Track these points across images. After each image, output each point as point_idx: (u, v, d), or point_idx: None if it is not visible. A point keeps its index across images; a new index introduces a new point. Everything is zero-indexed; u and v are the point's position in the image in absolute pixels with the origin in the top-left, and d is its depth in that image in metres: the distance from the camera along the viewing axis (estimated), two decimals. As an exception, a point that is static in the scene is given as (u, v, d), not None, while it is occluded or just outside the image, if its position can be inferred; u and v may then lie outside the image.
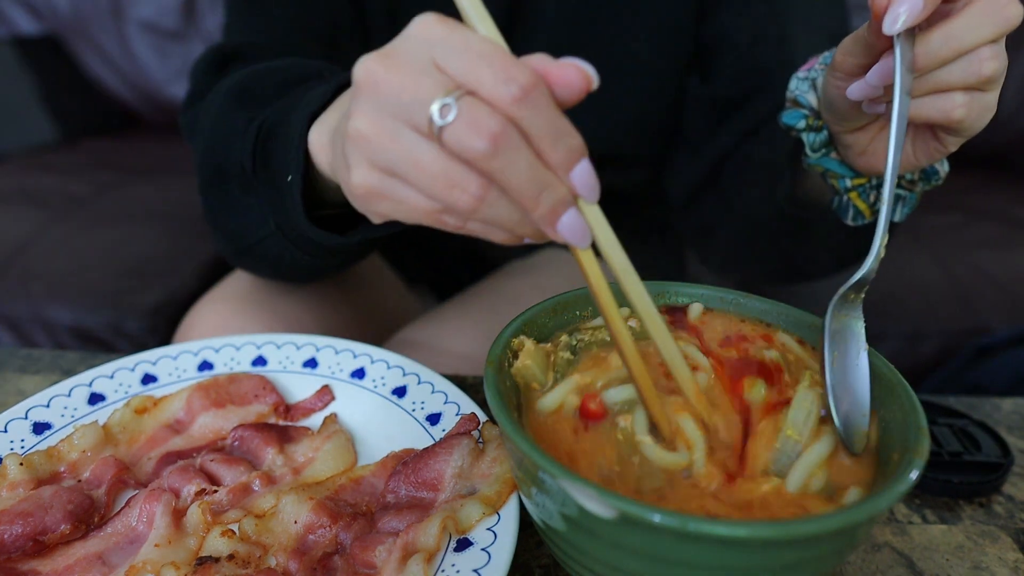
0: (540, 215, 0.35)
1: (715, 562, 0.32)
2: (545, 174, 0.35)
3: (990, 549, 0.49)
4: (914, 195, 0.59)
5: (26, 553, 0.43)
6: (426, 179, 0.35)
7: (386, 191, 0.37)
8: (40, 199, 1.55)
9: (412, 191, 0.36)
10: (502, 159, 0.33)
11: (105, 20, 1.94)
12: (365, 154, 0.36)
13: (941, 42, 0.43)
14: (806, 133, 0.59)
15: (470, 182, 0.34)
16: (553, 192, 0.35)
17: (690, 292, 0.50)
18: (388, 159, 0.35)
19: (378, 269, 0.93)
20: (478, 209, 0.35)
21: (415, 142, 0.35)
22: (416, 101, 0.34)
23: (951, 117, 0.45)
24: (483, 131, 0.33)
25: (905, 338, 1.26)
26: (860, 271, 0.44)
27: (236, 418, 0.55)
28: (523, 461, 0.36)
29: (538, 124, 0.34)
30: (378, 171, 0.36)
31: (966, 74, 0.44)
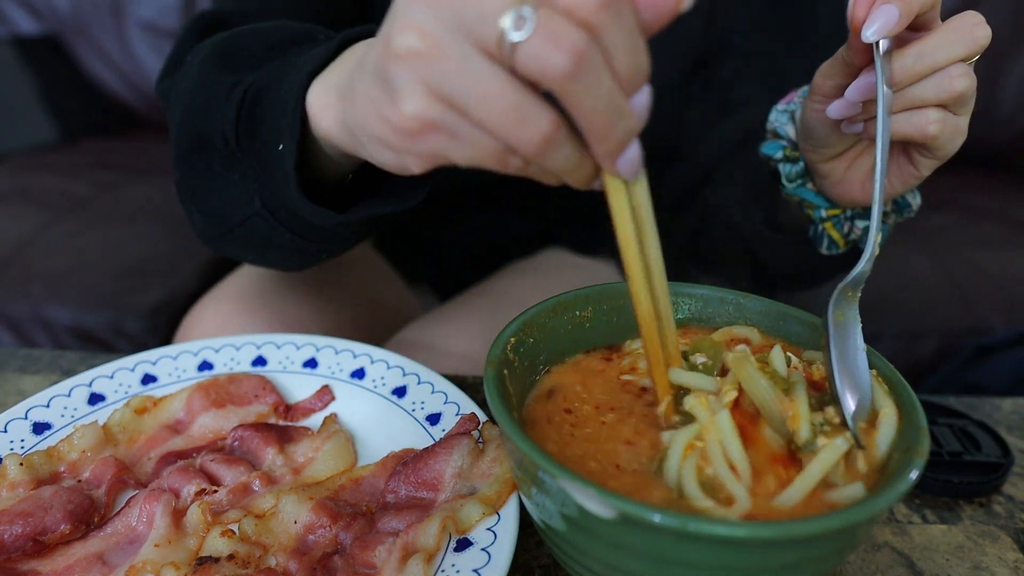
0: (608, 148, 0.32)
1: (715, 562, 0.32)
2: (621, 100, 0.31)
3: (990, 549, 0.49)
4: (887, 227, 0.61)
5: (26, 553, 0.43)
6: (495, 113, 0.30)
7: (446, 124, 0.31)
8: (40, 199, 1.55)
9: (474, 127, 0.31)
10: (584, 80, 0.29)
11: (105, 20, 1.94)
12: (420, 75, 0.30)
13: (915, 58, 0.45)
14: (783, 164, 0.60)
15: (542, 118, 0.30)
16: (627, 121, 0.32)
17: (691, 292, 0.50)
18: (450, 84, 0.30)
19: (379, 269, 0.93)
20: (544, 152, 0.31)
21: (483, 65, 0.30)
22: (484, 12, 0.29)
23: (927, 132, 0.47)
24: (565, 45, 0.28)
25: (904, 338, 1.26)
26: (856, 268, 0.45)
27: (236, 418, 0.55)
28: (523, 461, 0.36)
29: (620, 39, 0.30)
30: (436, 99, 0.31)
31: (939, 90, 0.45)
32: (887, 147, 0.46)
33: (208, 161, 0.53)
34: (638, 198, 0.37)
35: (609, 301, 0.49)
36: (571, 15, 0.29)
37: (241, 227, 0.55)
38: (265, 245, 0.56)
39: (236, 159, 0.51)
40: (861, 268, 0.45)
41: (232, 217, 0.54)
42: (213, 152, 0.52)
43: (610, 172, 0.34)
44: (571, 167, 0.33)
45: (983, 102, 1.77)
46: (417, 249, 0.98)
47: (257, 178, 0.50)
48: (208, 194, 0.55)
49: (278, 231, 0.53)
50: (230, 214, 0.54)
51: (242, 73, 0.51)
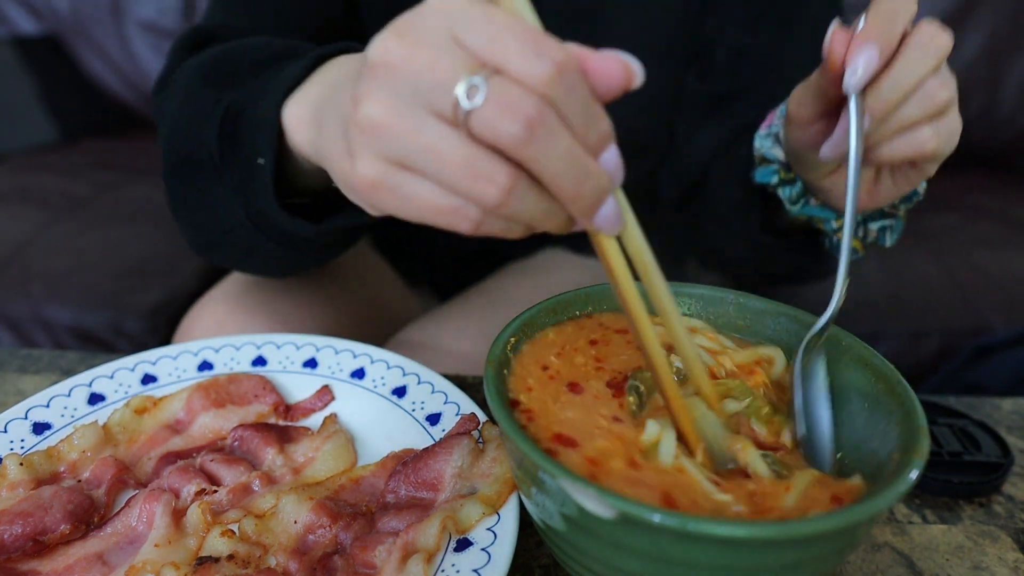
0: (581, 206, 0.32)
1: (715, 562, 0.32)
2: (586, 160, 0.32)
3: (990, 549, 0.49)
4: (899, 219, 0.60)
5: (26, 553, 0.43)
6: (448, 171, 0.31)
7: (396, 185, 0.33)
8: (40, 199, 1.55)
9: (426, 185, 0.32)
10: (540, 144, 0.30)
11: (105, 20, 1.94)
12: (374, 144, 0.32)
13: (890, 88, 0.44)
14: (781, 188, 0.59)
15: (499, 172, 0.31)
16: (596, 180, 0.32)
17: (690, 292, 0.50)
18: (403, 150, 0.32)
19: (378, 269, 0.93)
20: (506, 202, 0.31)
21: (436, 129, 0.31)
22: (439, 83, 0.30)
23: (924, 150, 0.46)
24: (518, 113, 0.29)
25: (905, 338, 1.26)
26: (822, 320, 0.44)
27: (236, 418, 0.55)
28: (523, 461, 0.36)
29: (574, 105, 0.31)
30: (388, 163, 0.33)
31: (924, 108, 0.45)
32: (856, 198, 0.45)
33: (194, 175, 0.55)
34: (634, 245, 0.36)
35: (609, 301, 0.49)
36: (523, 83, 0.30)
37: (227, 237, 0.56)
38: (250, 254, 0.58)
39: (220, 173, 0.52)
40: (827, 319, 0.44)
41: (218, 228, 0.56)
42: (199, 167, 0.54)
43: (587, 227, 0.34)
44: (542, 216, 0.33)
45: (983, 102, 1.78)
46: (417, 249, 0.98)
47: (240, 191, 0.52)
48: (195, 207, 0.57)
49: (261, 241, 0.55)
50: (216, 226, 0.56)
51: (226, 90, 0.52)
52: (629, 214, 0.35)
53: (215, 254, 0.62)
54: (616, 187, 0.34)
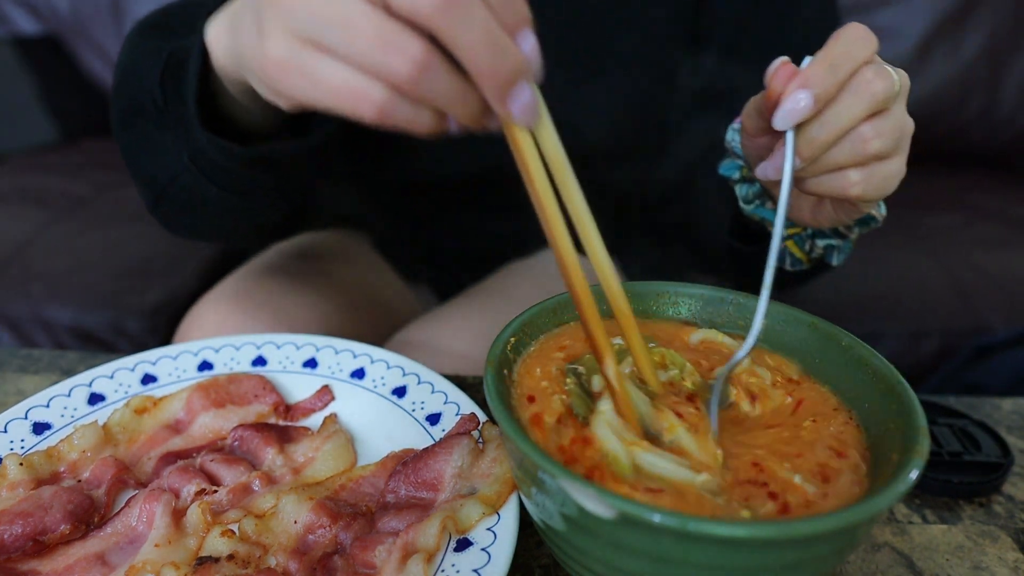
0: (495, 84, 0.31)
1: (715, 562, 0.32)
2: (502, 35, 0.31)
3: (990, 549, 0.49)
4: (849, 242, 0.60)
5: (26, 553, 0.43)
6: (359, 43, 0.30)
7: (304, 63, 0.32)
8: (40, 199, 1.55)
9: (335, 64, 0.32)
10: (457, 13, 0.29)
11: (105, 20, 1.94)
12: (284, 19, 0.32)
13: (818, 128, 0.42)
14: (739, 185, 0.59)
15: (412, 44, 0.30)
16: (512, 56, 0.31)
17: (690, 292, 0.50)
18: (314, 24, 0.31)
19: (378, 269, 0.93)
20: (417, 78, 0.31)
21: (350, 2, 0.30)
22: None
23: (848, 194, 0.45)
24: None
25: (905, 338, 1.26)
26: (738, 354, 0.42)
27: (236, 418, 0.55)
28: (523, 461, 0.37)
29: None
30: (296, 39, 0.32)
31: (853, 153, 0.43)
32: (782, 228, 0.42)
33: (142, 125, 0.55)
34: (548, 145, 0.35)
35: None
36: None
37: (172, 186, 0.56)
38: (195, 201, 0.58)
39: (165, 119, 0.52)
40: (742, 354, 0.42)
41: (163, 175, 0.56)
42: (144, 114, 0.54)
43: (504, 116, 0.33)
44: (453, 97, 0.32)
45: (983, 102, 1.78)
46: (417, 249, 0.98)
47: (180, 131, 0.52)
48: (144, 157, 0.57)
49: (203, 185, 0.55)
50: (162, 173, 0.56)
51: (170, 39, 0.53)
52: (544, 109, 0.34)
53: (164, 209, 0.61)
54: (532, 74, 0.33)
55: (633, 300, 0.50)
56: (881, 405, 0.41)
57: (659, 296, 0.51)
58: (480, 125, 0.34)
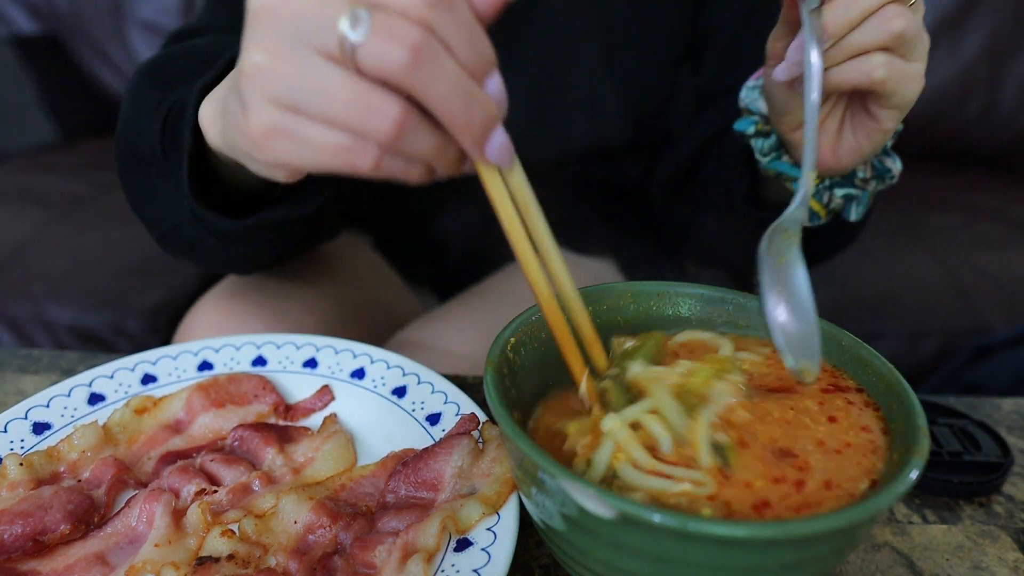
0: (471, 134, 0.32)
1: (715, 562, 0.32)
2: (472, 86, 0.32)
3: (990, 549, 0.49)
4: (867, 193, 0.61)
5: (26, 553, 0.43)
6: (338, 107, 0.31)
7: (288, 129, 0.33)
8: (40, 199, 1.55)
9: (317, 127, 0.32)
10: (426, 69, 0.30)
11: (105, 20, 1.94)
12: (263, 90, 0.32)
13: (845, 6, 0.45)
14: (755, 139, 0.60)
15: (389, 105, 0.31)
16: (483, 106, 0.32)
17: (690, 292, 0.50)
18: (291, 91, 0.32)
19: (378, 269, 0.93)
20: (398, 137, 0.32)
21: (323, 68, 0.31)
22: (322, 20, 0.30)
23: (872, 77, 0.47)
24: (403, 40, 0.30)
25: (905, 338, 1.26)
26: (788, 210, 0.45)
27: (236, 418, 0.55)
28: (523, 461, 0.37)
29: (457, 31, 0.31)
30: (278, 107, 0.32)
31: (877, 33, 0.45)
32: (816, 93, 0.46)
33: (144, 172, 0.56)
34: (515, 183, 0.37)
35: (609, 301, 0.49)
36: (405, 13, 0.30)
37: (176, 232, 0.58)
38: (199, 248, 0.59)
39: (164, 171, 0.54)
40: (791, 210, 0.45)
41: (166, 223, 0.58)
42: (147, 164, 0.55)
43: (481, 161, 0.34)
44: (434, 151, 0.33)
45: (983, 102, 1.78)
46: (416, 249, 0.98)
47: (181, 187, 0.53)
48: (146, 202, 0.59)
49: (204, 237, 0.56)
50: (164, 220, 0.58)
51: (170, 90, 0.54)
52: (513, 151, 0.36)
53: (171, 248, 0.63)
54: (502, 116, 0.34)
55: (633, 300, 0.50)
56: (881, 405, 0.41)
57: (659, 296, 0.51)
58: (459, 171, 0.35)
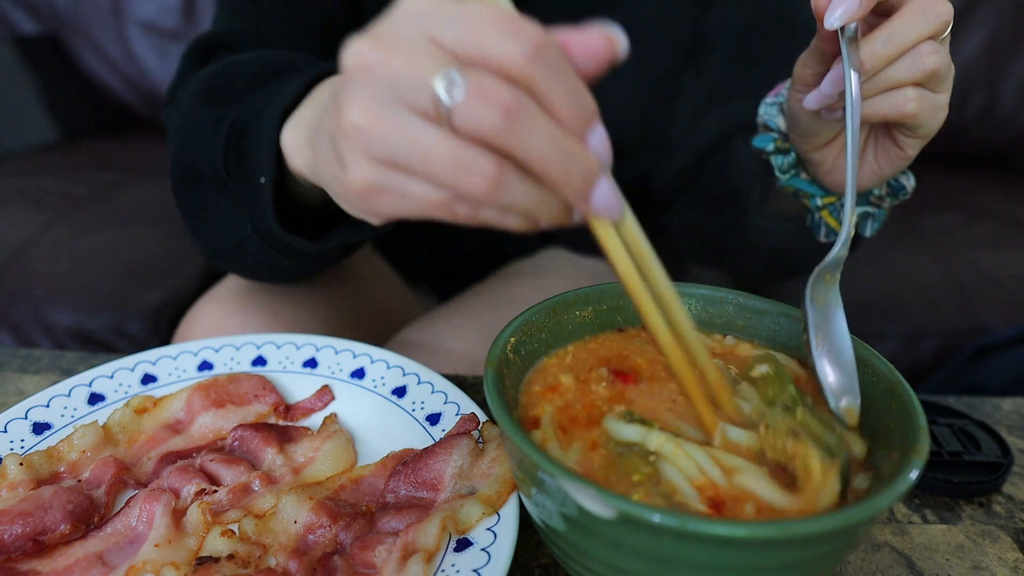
0: (571, 188, 0.32)
1: (715, 562, 0.32)
2: (569, 142, 0.32)
3: (990, 549, 0.49)
4: (883, 211, 0.62)
5: (26, 553, 0.43)
6: (435, 166, 0.31)
7: (389, 186, 0.33)
8: (40, 200, 1.55)
9: (418, 183, 0.33)
10: (520, 131, 0.30)
11: (105, 20, 1.94)
12: (363, 148, 0.33)
13: (883, 42, 0.46)
14: (775, 156, 0.61)
15: (484, 163, 0.31)
16: (582, 161, 0.32)
17: (690, 292, 0.50)
18: (390, 150, 0.32)
19: (378, 269, 0.93)
20: (494, 193, 0.31)
21: (419, 127, 0.31)
22: (417, 81, 0.31)
23: (904, 111, 0.47)
24: (496, 102, 0.30)
25: (905, 338, 1.26)
26: (832, 251, 0.47)
27: (236, 418, 0.55)
28: (523, 461, 0.37)
29: (554, 85, 0.31)
30: (379, 165, 0.33)
31: (912, 69, 0.46)
32: (857, 131, 0.47)
33: (202, 189, 0.57)
34: (629, 233, 0.36)
35: (609, 301, 0.49)
36: (500, 72, 0.30)
37: (236, 248, 0.58)
38: (258, 264, 0.60)
39: (226, 188, 0.54)
40: (836, 251, 0.46)
41: (226, 240, 0.58)
42: (206, 181, 0.56)
43: (585, 212, 0.34)
44: (535, 203, 0.33)
45: (983, 102, 1.78)
46: (417, 249, 0.98)
47: (246, 205, 0.54)
48: (203, 219, 0.59)
49: (268, 252, 0.57)
50: (224, 237, 0.58)
51: (226, 107, 0.54)
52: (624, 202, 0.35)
53: (224, 263, 0.64)
54: (606, 168, 0.33)
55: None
56: (881, 405, 0.41)
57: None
58: (570, 222, 0.35)
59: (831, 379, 0.42)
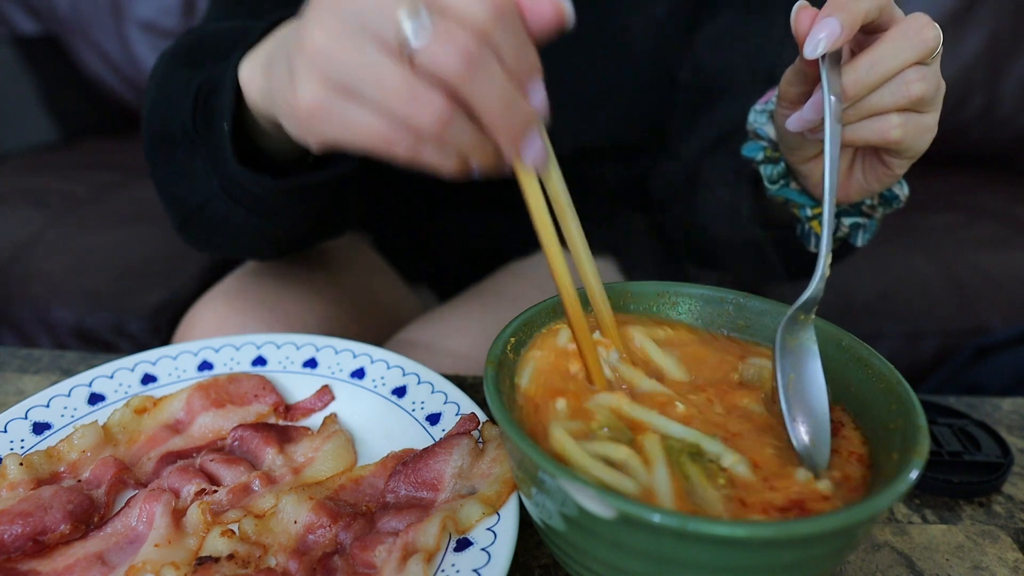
0: (508, 135, 0.35)
1: (715, 562, 0.32)
2: (515, 94, 0.34)
3: (990, 549, 0.49)
4: (874, 221, 0.61)
5: (26, 553, 0.43)
6: (388, 95, 0.33)
7: (335, 109, 0.35)
8: (41, 200, 1.55)
9: (364, 110, 0.34)
10: (477, 78, 0.33)
11: (105, 20, 1.94)
12: (318, 68, 0.34)
13: (867, 68, 0.45)
14: (764, 165, 0.60)
15: (436, 99, 0.33)
16: (523, 111, 0.35)
17: (690, 292, 0.50)
18: (345, 73, 0.34)
19: (378, 269, 0.93)
20: (442, 129, 0.34)
21: (379, 57, 0.33)
22: (385, 14, 0.33)
23: (888, 138, 0.47)
24: (460, 49, 0.32)
25: (905, 338, 1.26)
26: (807, 292, 0.44)
27: (236, 418, 0.55)
28: (523, 461, 0.37)
29: (508, 41, 0.33)
30: (329, 87, 0.34)
31: (896, 96, 0.45)
32: (836, 164, 0.45)
33: (172, 151, 0.57)
34: (553, 187, 0.39)
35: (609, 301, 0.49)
36: (464, 22, 0.32)
37: (204, 209, 0.58)
38: (225, 225, 0.60)
39: (195, 146, 0.54)
40: (811, 292, 0.44)
41: (194, 201, 0.58)
42: (174, 141, 0.56)
43: (518, 162, 0.37)
44: (472, 145, 0.35)
45: (983, 102, 1.78)
46: (417, 249, 0.98)
47: (211, 159, 0.54)
48: (173, 181, 0.59)
49: (234, 210, 0.57)
50: (192, 198, 0.58)
51: (199, 68, 0.55)
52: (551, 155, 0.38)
53: (193, 230, 0.63)
54: (542, 122, 0.36)
55: (633, 300, 0.50)
56: (881, 405, 0.41)
57: (659, 296, 0.51)
58: (497, 169, 0.37)
59: (801, 431, 0.40)
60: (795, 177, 0.60)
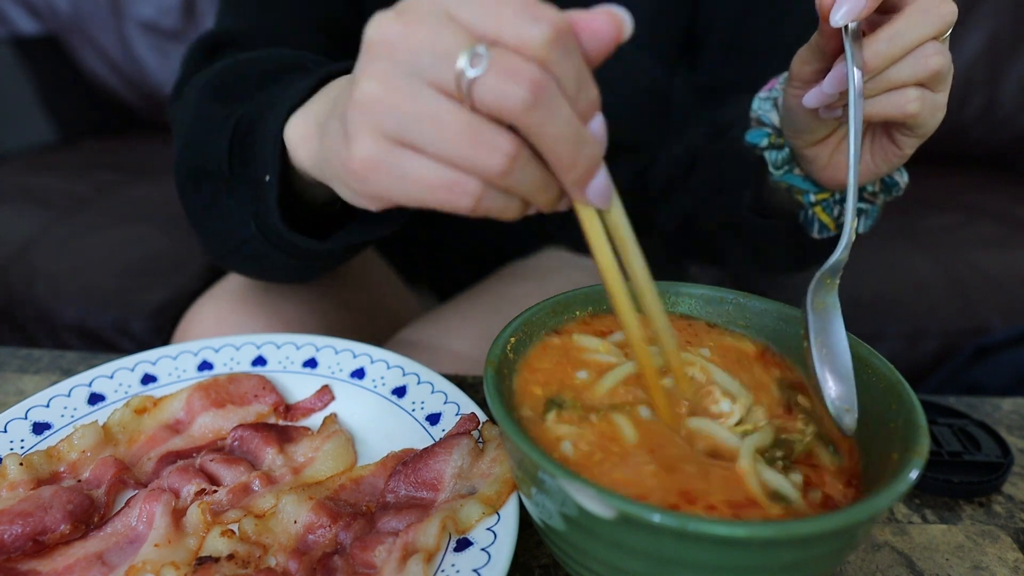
0: (576, 175, 0.32)
1: (715, 562, 0.32)
2: (581, 128, 0.32)
3: (990, 549, 0.49)
4: (875, 207, 0.62)
5: (26, 553, 0.43)
6: (449, 140, 0.31)
7: (390, 163, 0.32)
8: (42, 199, 1.55)
9: (423, 161, 0.32)
10: (543, 110, 0.30)
11: (105, 20, 1.95)
12: (371, 121, 0.32)
13: (887, 41, 0.45)
14: (768, 151, 0.61)
15: (502, 140, 0.31)
16: (590, 147, 0.32)
17: (690, 292, 0.50)
18: (400, 122, 0.31)
19: (378, 269, 0.93)
20: (509, 171, 0.31)
21: (437, 100, 0.31)
22: (439, 55, 0.30)
23: (907, 111, 0.47)
24: (522, 78, 0.29)
25: (905, 338, 1.26)
26: (833, 256, 0.46)
27: (236, 418, 0.55)
28: (523, 461, 0.37)
29: (570, 71, 0.31)
30: (383, 139, 0.32)
31: (915, 69, 0.46)
32: (860, 134, 0.47)
33: (207, 188, 0.56)
34: (614, 220, 0.36)
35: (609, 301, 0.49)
36: (523, 52, 0.30)
37: (241, 248, 0.57)
38: (263, 263, 0.59)
39: (232, 187, 0.53)
40: (838, 256, 0.46)
41: (231, 240, 0.57)
42: (211, 178, 0.55)
43: (581, 202, 0.34)
44: (538, 187, 0.33)
45: (983, 102, 1.78)
46: (417, 249, 0.98)
47: (250, 205, 0.53)
48: (209, 217, 0.58)
49: (273, 253, 0.56)
50: (229, 237, 0.57)
51: (235, 104, 0.54)
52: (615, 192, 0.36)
53: (231, 263, 0.63)
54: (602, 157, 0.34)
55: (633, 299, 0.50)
56: (881, 405, 0.41)
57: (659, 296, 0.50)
58: (555, 208, 0.35)
59: (832, 389, 0.42)
60: (800, 163, 0.60)
